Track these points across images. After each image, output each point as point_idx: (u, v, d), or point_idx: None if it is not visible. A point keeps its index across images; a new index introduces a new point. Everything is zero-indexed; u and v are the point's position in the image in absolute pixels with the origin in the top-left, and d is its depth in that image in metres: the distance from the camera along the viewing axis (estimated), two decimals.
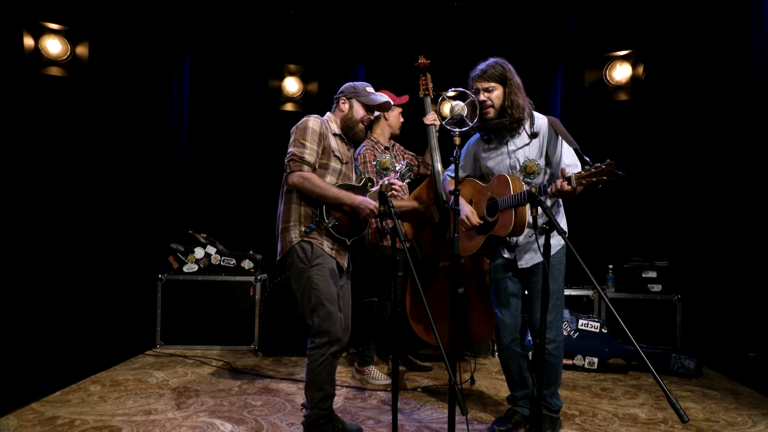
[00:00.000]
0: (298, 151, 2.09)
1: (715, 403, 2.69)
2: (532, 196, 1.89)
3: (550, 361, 2.21)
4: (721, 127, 3.61)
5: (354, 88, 2.25)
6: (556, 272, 2.22)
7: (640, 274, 3.51)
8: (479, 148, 2.34)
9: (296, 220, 2.13)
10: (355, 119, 2.23)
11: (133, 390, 2.72)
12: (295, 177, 2.08)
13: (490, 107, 2.17)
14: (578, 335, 3.23)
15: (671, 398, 1.47)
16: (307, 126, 2.11)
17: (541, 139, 2.18)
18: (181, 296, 3.55)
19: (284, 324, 3.45)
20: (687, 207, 3.85)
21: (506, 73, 2.16)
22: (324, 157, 2.15)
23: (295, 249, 2.11)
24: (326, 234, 2.12)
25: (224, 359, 3.34)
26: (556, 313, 2.23)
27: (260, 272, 3.71)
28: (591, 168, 1.78)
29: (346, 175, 2.23)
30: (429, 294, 2.95)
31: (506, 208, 2.10)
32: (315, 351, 2.10)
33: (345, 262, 2.24)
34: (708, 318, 3.56)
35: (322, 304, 2.08)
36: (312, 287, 2.09)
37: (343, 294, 2.27)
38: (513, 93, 2.14)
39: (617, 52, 4.09)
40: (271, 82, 4.42)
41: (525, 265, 2.23)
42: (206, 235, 3.72)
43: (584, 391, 2.88)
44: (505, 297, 2.29)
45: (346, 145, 2.28)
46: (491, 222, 2.19)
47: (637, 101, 4.07)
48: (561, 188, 1.89)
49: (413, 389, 2.86)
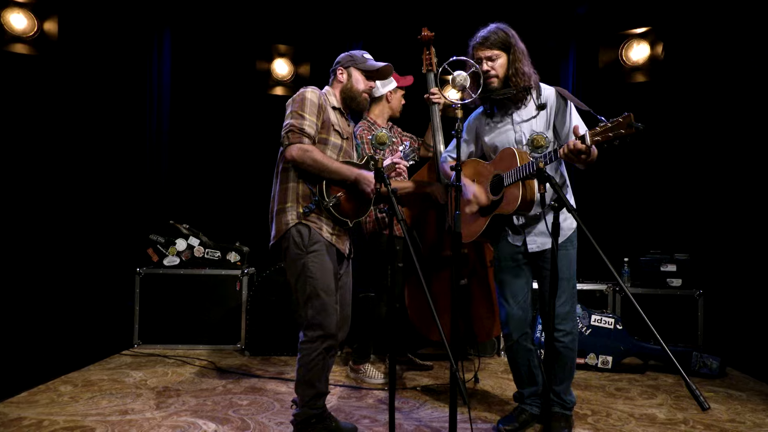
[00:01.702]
0: (297, 122, 2.08)
1: (741, 404, 2.70)
2: (540, 172, 1.88)
3: (566, 354, 2.21)
4: (747, 110, 3.61)
5: (351, 57, 2.26)
6: (570, 257, 2.22)
7: (659, 268, 3.52)
8: (481, 123, 2.34)
9: (293, 201, 2.12)
10: (356, 89, 2.24)
11: (107, 390, 2.72)
12: (295, 149, 2.06)
13: (494, 77, 2.17)
14: (591, 332, 3.23)
15: (690, 384, 1.49)
16: (305, 97, 2.11)
17: (549, 110, 2.19)
18: (161, 292, 3.55)
19: (273, 321, 3.45)
20: (709, 196, 3.86)
21: (509, 39, 2.16)
22: (323, 131, 2.14)
23: (291, 233, 2.10)
24: (326, 216, 2.12)
25: (208, 359, 3.34)
26: (572, 303, 2.23)
27: (247, 266, 3.72)
28: (607, 123, 1.77)
29: (347, 152, 2.23)
30: (430, 287, 2.96)
31: (513, 183, 2.09)
32: (307, 345, 2.10)
33: (346, 248, 2.24)
34: (732, 315, 3.57)
35: (317, 294, 2.08)
36: (307, 275, 2.09)
37: (344, 283, 2.27)
38: (518, 60, 2.14)
39: (634, 30, 4.08)
40: (259, 63, 4.42)
41: (536, 249, 2.22)
42: (189, 226, 3.73)
43: (597, 391, 2.88)
44: (513, 287, 2.28)
45: (346, 120, 2.28)
46: (496, 200, 2.19)
47: (656, 83, 4.07)
48: (574, 148, 1.87)
49: (413, 388, 2.87)
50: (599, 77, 4.19)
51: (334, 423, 2.19)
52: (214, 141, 4.43)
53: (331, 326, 2.10)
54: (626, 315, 3.47)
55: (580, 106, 2.11)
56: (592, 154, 1.97)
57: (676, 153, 4.06)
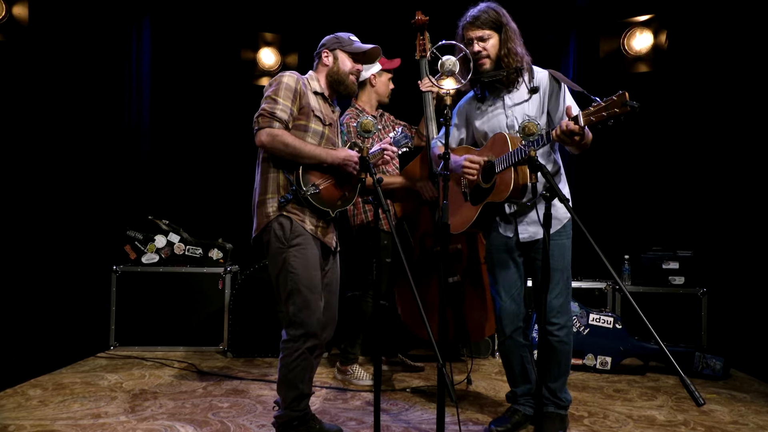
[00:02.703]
0: (269, 106, 2.08)
1: (745, 406, 2.72)
2: (531, 160, 1.90)
3: (561, 349, 2.22)
4: (755, 102, 3.62)
5: (337, 38, 2.26)
6: (563, 248, 2.23)
7: (661, 265, 3.54)
8: (471, 108, 2.35)
9: (274, 191, 2.12)
10: (343, 71, 2.23)
11: (80, 393, 2.71)
12: (264, 134, 2.06)
13: (486, 58, 2.18)
14: (589, 332, 3.25)
15: (685, 379, 1.51)
16: (281, 81, 2.12)
17: (541, 94, 2.20)
18: (139, 291, 3.54)
19: (258, 321, 3.45)
20: (714, 190, 3.87)
21: (501, 18, 2.17)
22: (302, 117, 2.14)
23: (273, 225, 2.10)
24: (308, 207, 2.11)
25: (188, 361, 3.34)
26: (566, 295, 2.24)
27: (230, 263, 3.71)
28: (600, 102, 1.79)
29: (330, 139, 2.23)
30: (422, 284, 2.97)
31: (505, 168, 2.10)
32: (289, 344, 2.11)
33: (333, 242, 2.24)
34: (737, 314, 3.59)
35: (299, 290, 2.08)
36: (289, 270, 2.09)
37: (330, 279, 2.27)
38: (510, 39, 2.15)
39: (637, 18, 4.09)
40: (244, 53, 4.41)
41: (527, 239, 2.23)
42: (169, 222, 3.72)
43: (595, 392, 2.90)
44: (505, 280, 2.29)
45: (330, 106, 2.28)
46: (487, 188, 2.20)
47: (660, 74, 4.07)
48: (567, 129, 1.88)
49: (402, 390, 2.88)
50: (600, 67, 4.20)
51: (318, 425, 2.20)
52: (197, 133, 4.42)
53: (313, 324, 2.10)
54: (626, 314, 3.48)
55: (573, 87, 2.12)
56: (586, 137, 1.99)
57: (680, 146, 4.08)
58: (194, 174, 4.37)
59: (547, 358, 2.22)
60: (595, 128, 1.91)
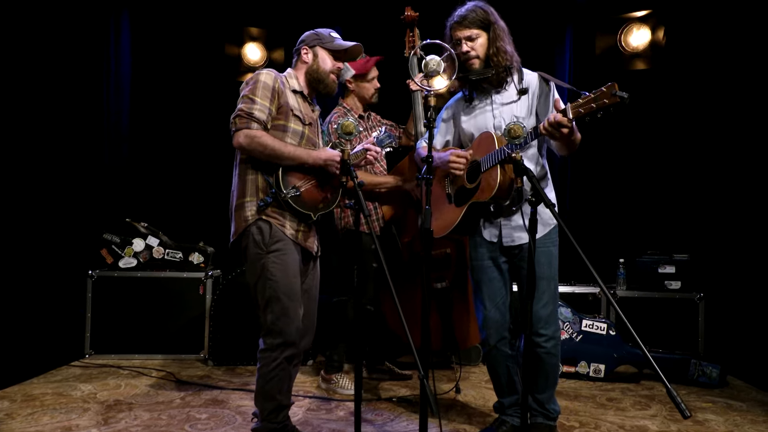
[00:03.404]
0: (246, 106, 2.07)
1: (741, 415, 2.73)
2: (516, 164, 1.90)
3: (548, 360, 2.22)
4: (754, 102, 3.62)
5: (317, 35, 2.25)
6: (550, 255, 2.23)
7: (656, 269, 3.55)
8: (459, 109, 2.36)
9: (252, 194, 2.11)
10: (323, 70, 2.22)
11: (50, 405, 2.69)
12: (241, 136, 2.05)
13: (475, 58, 2.18)
14: (582, 338, 3.26)
15: (671, 390, 1.51)
16: (258, 80, 2.10)
17: (530, 96, 2.21)
18: (116, 296, 3.52)
19: (240, 328, 3.43)
20: (712, 192, 3.88)
21: (489, 17, 2.18)
22: (281, 117, 2.13)
23: (251, 230, 2.09)
24: (288, 210, 2.10)
25: (167, 369, 3.32)
26: (554, 305, 2.25)
27: (212, 267, 3.70)
28: (589, 94, 1.81)
29: (310, 139, 2.22)
30: (410, 290, 2.97)
31: (491, 167, 2.10)
32: (267, 354, 2.10)
33: (314, 246, 2.23)
34: (735, 320, 3.61)
35: (278, 298, 2.07)
36: (267, 277, 2.08)
37: (309, 285, 2.26)
38: (498, 38, 2.16)
39: (634, 13, 4.08)
40: (228, 48, 4.39)
41: (511, 243, 2.23)
42: (147, 224, 3.70)
43: (587, 401, 2.90)
44: (489, 288, 2.29)
45: (309, 105, 2.27)
46: (472, 188, 2.20)
47: (657, 71, 4.08)
48: (555, 121, 1.89)
49: (388, 399, 2.88)
50: (596, 65, 4.21)
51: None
52: (178, 132, 4.38)
53: (292, 333, 2.10)
54: (620, 320, 3.47)
55: (562, 85, 2.14)
56: (575, 134, 2.00)
57: (678, 146, 4.09)
58: (175, 174, 4.33)
59: (533, 370, 2.21)
60: (584, 121, 1.90)
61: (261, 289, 2.11)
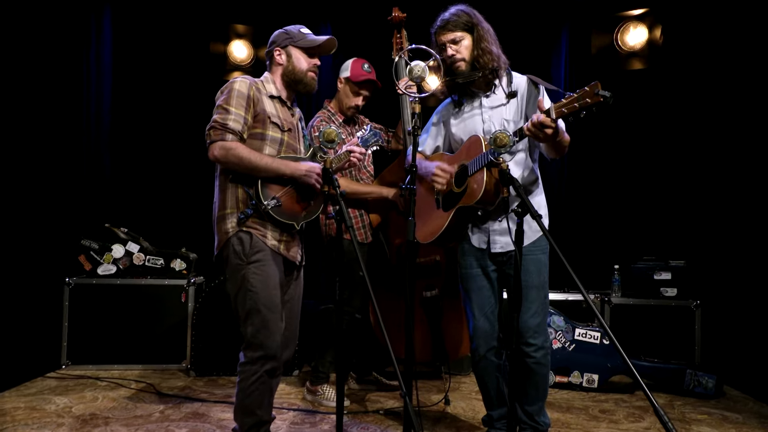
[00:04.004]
0: (221, 117, 2.08)
1: (736, 427, 2.74)
2: (502, 173, 1.91)
3: (538, 371, 2.23)
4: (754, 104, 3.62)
5: (287, 33, 2.23)
6: (540, 263, 2.24)
7: (652, 276, 3.56)
8: (448, 114, 2.37)
9: (233, 207, 2.12)
10: (300, 69, 2.21)
11: (22, 420, 2.66)
12: (216, 149, 2.06)
13: (461, 61, 2.20)
14: (575, 347, 3.26)
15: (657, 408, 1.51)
16: (232, 89, 2.10)
17: (520, 99, 2.22)
18: (95, 304, 3.51)
19: (223, 337, 3.42)
20: (710, 196, 3.88)
21: (472, 19, 2.21)
22: (258, 125, 2.13)
23: (232, 241, 2.10)
24: (269, 221, 2.11)
25: (147, 380, 3.30)
26: (544, 315, 2.25)
27: (194, 274, 3.69)
28: (572, 95, 1.83)
29: (290, 146, 2.21)
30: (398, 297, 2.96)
31: (478, 170, 2.11)
32: (247, 367, 2.10)
33: (297, 256, 2.23)
34: (732, 328, 3.61)
35: (258, 309, 2.07)
36: (248, 288, 2.08)
37: (291, 295, 2.26)
38: (483, 39, 2.18)
39: (631, 12, 4.08)
40: (213, 46, 4.37)
41: (499, 250, 2.24)
42: (127, 230, 3.69)
43: (579, 413, 2.91)
44: (478, 297, 2.30)
45: (288, 110, 2.26)
46: (459, 192, 2.20)
47: (654, 71, 4.08)
48: (538, 121, 1.92)
49: (375, 411, 2.87)
50: (592, 64, 4.20)
51: None
52: (161, 134, 4.35)
53: (273, 346, 2.09)
54: (616, 328, 3.50)
55: (550, 87, 2.16)
56: (561, 134, 2.01)
57: (675, 149, 4.09)
58: (157, 178, 4.30)
59: (523, 381, 2.22)
60: (568, 121, 1.94)
61: (241, 300, 2.11)
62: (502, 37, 2.31)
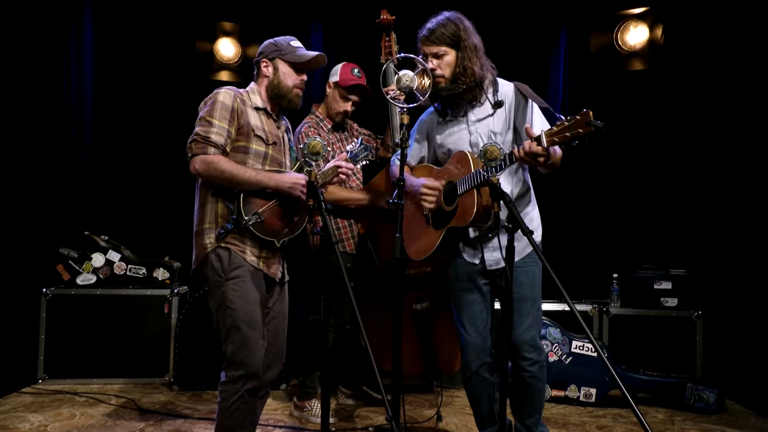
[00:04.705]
0: (203, 129, 2.08)
1: None
2: (493, 187, 1.90)
3: (534, 384, 2.22)
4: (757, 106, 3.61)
5: (276, 45, 2.23)
6: (533, 275, 2.22)
7: (652, 285, 3.55)
8: (433, 124, 2.35)
9: (212, 221, 2.12)
10: (285, 85, 2.21)
11: None
12: (198, 162, 2.06)
13: (440, 77, 2.17)
14: (571, 360, 3.25)
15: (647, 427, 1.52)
16: (216, 100, 2.11)
17: (507, 109, 2.20)
18: (74, 316, 3.48)
19: (207, 350, 3.38)
20: (712, 203, 3.88)
21: (460, 33, 2.15)
22: (241, 138, 2.13)
23: (210, 257, 2.10)
24: (249, 236, 2.10)
25: (128, 396, 3.27)
26: (538, 328, 2.25)
27: (178, 284, 3.67)
28: (564, 121, 1.80)
29: (275, 159, 2.21)
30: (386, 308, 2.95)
31: (467, 190, 2.10)
32: (228, 386, 2.08)
33: (278, 272, 2.23)
34: (735, 340, 3.61)
35: (237, 327, 2.06)
36: (227, 306, 2.07)
37: (276, 312, 2.26)
38: (467, 58, 2.14)
39: (631, 10, 4.06)
40: (199, 44, 4.34)
41: (495, 266, 2.23)
42: (108, 238, 3.67)
43: (576, 429, 2.90)
44: (470, 311, 2.28)
45: (274, 122, 2.26)
46: (449, 211, 2.19)
47: (655, 72, 4.07)
48: (530, 150, 1.89)
49: (364, 429, 2.85)
50: (591, 64, 4.19)
51: None
52: (145, 136, 4.32)
53: (254, 364, 2.08)
54: (614, 340, 3.49)
55: (540, 103, 2.13)
56: (553, 157, 1.99)
57: (676, 154, 4.07)
58: (140, 183, 4.27)
59: (518, 395, 2.23)
60: (560, 147, 1.93)
61: (221, 318, 2.10)
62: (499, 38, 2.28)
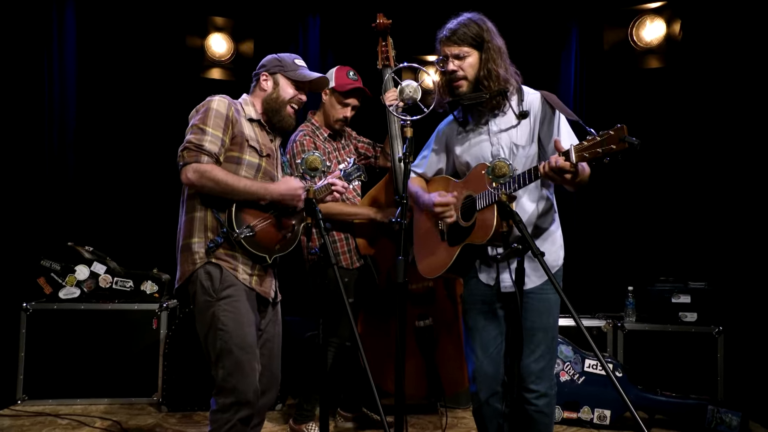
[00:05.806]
0: (196, 138, 2.08)
1: None
2: (501, 206, 1.86)
3: (540, 420, 2.17)
4: None
5: (279, 61, 2.27)
6: (550, 303, 2.18)
7: (670, 299, 3.51)
8: (452, 133, 2.30)
9: (201, 234, 2.11)
10: (281, 99, 2.25)
11: None
12: (190, 171, 2.05)
13: (462, 79, 2.12)
14: (584, 380, 3.21)
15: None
16: (210, 108, 2.12)
17: (532, 119, 2.15)
18: (56, 332, 3.47)
19: (198, 368, 3.34)
20: (733, 211, 3.83)
21: (483, 34, 2.11)
22: (234, 148, 2.14)
23: (199, 274, 2.08)
24: (241, 252, 2.09)
25: (113, 417, 3.26)
26: (549, 359, 2.20)
27: (167, 297, 3.67)
28: (595, 136, 1.73)
29: (267, 172, 2.23)
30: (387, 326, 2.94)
31: (486, 206, 2.05)
32: (218, 415, 2.06)
33: (271, 292, 2.22)
34: (759, 358, 3.56)
35: (230, 350, 2.05)
36: (218, 328, 2.06)
37: (270, 334, 2.25)
38: (491, 60, 2.09)
39: (647, 5, 4.05)
40: (190, 39, 4.34)
41: (511, 289, 2.17)
42: (93, 249, 3.66)
43: None
44: (483, 336, 2.23)
45: (267, 135, 2.28)
46: (467, 227, 2.14)
47: (673, 70, 4.04)
48: (557, 165, 1.82)
49: None
50: (605, 62, 4.16)
51: None
52: (132, 138, 4.30)
53: (247, 390, 2.06)
54: (630, 356, 3.45)
55: (569, 115, 2.07)
56: (581, 174, 1.92)
57: (696, 158, 4.03)
58: (127, 189, 4.24)
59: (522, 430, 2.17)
60: (589, 164, 1.86)
61: (212, 341, 2.08)
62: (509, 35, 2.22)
